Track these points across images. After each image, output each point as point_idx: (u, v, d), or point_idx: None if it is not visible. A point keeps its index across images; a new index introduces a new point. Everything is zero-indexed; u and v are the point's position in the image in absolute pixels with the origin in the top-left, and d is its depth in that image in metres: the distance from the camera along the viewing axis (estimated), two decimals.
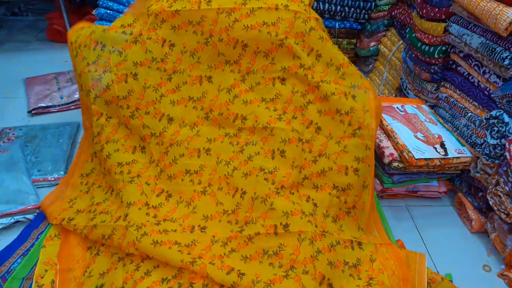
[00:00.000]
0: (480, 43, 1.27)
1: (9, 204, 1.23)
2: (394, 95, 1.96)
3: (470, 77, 1.40)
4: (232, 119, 1.27)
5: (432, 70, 1.57)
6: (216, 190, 1.21)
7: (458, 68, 1.45)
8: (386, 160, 1.31)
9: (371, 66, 2.28)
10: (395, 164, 1.30)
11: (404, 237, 1.24)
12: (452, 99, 1.49)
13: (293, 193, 1.16)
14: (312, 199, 1.17)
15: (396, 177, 1.34)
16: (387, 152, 1.32)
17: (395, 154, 1.31)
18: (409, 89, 1.78)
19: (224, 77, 1.28)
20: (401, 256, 1.11)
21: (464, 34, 1.35)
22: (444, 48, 1.50)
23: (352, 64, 1.27)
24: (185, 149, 1.27)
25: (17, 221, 1.22)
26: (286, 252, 1.05)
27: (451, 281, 1.10)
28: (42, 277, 1.05)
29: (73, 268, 1.08)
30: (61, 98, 1.85)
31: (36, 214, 1.23)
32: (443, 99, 1.55)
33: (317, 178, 1.19)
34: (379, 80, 2.14)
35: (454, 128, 1.46)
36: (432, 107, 1.63)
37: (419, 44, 1.61)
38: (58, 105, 1.82)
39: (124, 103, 1.26)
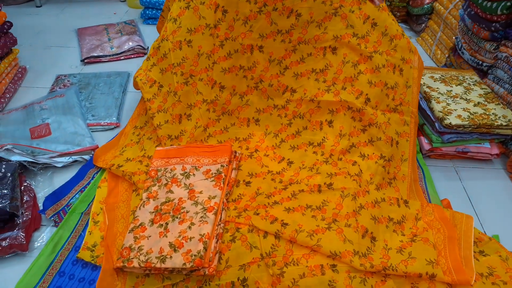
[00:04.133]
0: None
1: (67, 144, 1.30)
2: (447, 55, 1.88)
3: None
4: (282, 91, 1.28)
5: (493, 28, 1.48)
6: (263, 156, 1.27)
7: None
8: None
9: (423, 25, 2.17)
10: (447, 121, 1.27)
11: (451, 197, 1.22)
12: None
13: (340, 159, 1.20)
14: (359, 165, 1.19)
15: (446, 136, 1.30)
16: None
17: None
18: (464, 49, 1.70)
19: (275, 47, 1.27)
20: (447, 216, 1.10)
21: None
22: (509, 4, 1.40)
23: (405, 35, 1.24)
24: (236, 119, 1.32)
25: (75, 161, 1.29)
26: (329, 207, 1.08)
27: (499, 242, 1.08)
28: (97, 215, 1.12)
29: (119, 206, 1.14)
30: (111, 48, 1.90)
31: (91, 155, 1.30)
32: (502, 59, 1.46)
33: (365, 147, 1.21)
34: (431, 40, 2.05)
35: None
36: (489, 68, 1.55)
37: (480, 0, 1.52)
38: (109, 55, 1.87)
39: (178, 70, 1.28)
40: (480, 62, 1.59)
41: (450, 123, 1.26)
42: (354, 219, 1.04)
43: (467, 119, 1.28)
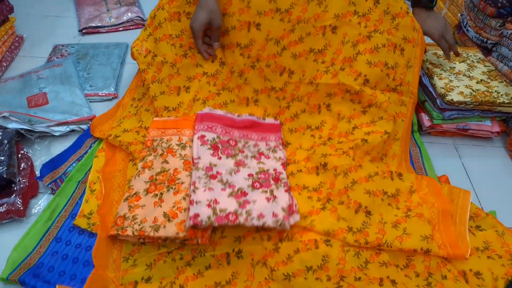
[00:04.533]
0: None
1: (64, 114, 1.29)
2: (452, 32, 1.84)
3: None
4: (279, 72, 1.24)
5: (499, 4, 1.45)
6: None
7: None
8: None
9: None
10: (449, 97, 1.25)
11: (450, 174, 1.21)
12: None
13: (341, 142, 1.17)
14: (363, 138, 1.16)
15: (447, 113, 1.29)
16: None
17: None
18: (469, 26, 1.67)
19: (273, 25, 1.21)
20: (441, 191, 1.10)
21: None
22: None
23: (409, 13, 1.20)
24: (235, 96, 1.30)
25: (72, 130, 1.28)
26: (324, 188, 1.07)
27: (495, 218, 1.08)
28: (94, 183, 1.12)
29: (115, 175, 1.14)
30: (110, 19, 1.87)
31: (89, 125, 1.29)
32: (507, 36, 1.44)
33: (368, 127, 1.18)
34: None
35: None
36: (493, 45, 1.52)
37: None
38: (107, 26, 1.84)
39: (177, 42, 1.25)
40: (485, 40, 1.56)
41: (451, 100, 1.25)
42: (346, 195, 1.04)
43: (469, 96, 1.26)
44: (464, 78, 1.35)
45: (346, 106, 1.22)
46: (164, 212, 0.95)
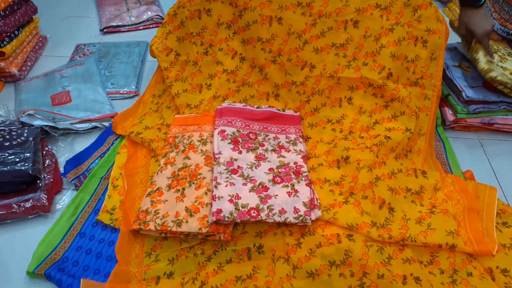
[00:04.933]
0: None
1: (87, 111, 1.32)
2: None
3: None
4: (301, 66, 1.24)
5: None
6: None
7: None
8: None
9: None
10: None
11: (475, 170, 1.18)
12: None
13: (362, 137, 1.16)
14: (385, 135, 1.15)
15: (472, 107, 1.25)
16: None
17: None
18: (494, 18, 1.62)
19: (295, 19, 1.22)
20: (467, 187, 1.07)
21: None
22: None
23: (433, 4, 1.18)
24: (255, 91, 1.29)
25: (95, 127, 1.30)
26: (346, 181, 1.06)
27: None
28: (117, 179, 1.13)
29: (138, 171, 1.15)
30: (130, 18, 1.89)
31: (111, 122, 1.31)
32: None
33: (389, 123, 1.18)
34: (459, 10, 1.96)
35: None
36: None
37: None
38: (128, 25, 1.86)
39: (198, 40, 1.26)
40: (511, 32, 1.51)
41: (495, 77, 1.20)
42: (370, 190, 1.02)
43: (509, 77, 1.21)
44: (499, 65, 1.30)
45: (369, 100, 1.21)
46: (186, 207, 0.95)
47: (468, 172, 1.18)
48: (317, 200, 0.99)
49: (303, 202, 0.95)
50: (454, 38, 1.44)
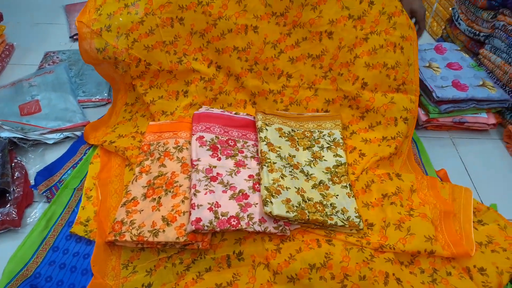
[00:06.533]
0: None
1: (57, 121, 1.28)
2: (443, 27, 1.85)
3: None
4: (277, 75, 1.25)
5: None
6: None
7: None
8: None
9: None
10: None
11: (448, 168, 1.21)
12: (510, 27, 1.38)
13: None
14: (360, 150, 1.18)
15: (443, 106, 1.28)
16: None
17: None
18: (461, 19, 1.67)
19: (270, 29, 1.22)
20: (440, 194, 1.08)
21: None
22: None
23: (404, 11, 1.20)
24: (233, 99, 1.28)
25: (66, 137, 1.26)
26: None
27: (496, 211, 1.08)
28: (90, 190, 1.10)
29: (112, 181, 1.12)
30: None
31: (83, 131, 1.27)
32: (500, 28, 1.44)
33: (366, 133, 1.20)
34: (427, 12, 2.01)
35: (510, 59, 1.37)
36: (486, 37, 1.52)
37: None
38: None
39: (171, 49, 1.22)
40: (477, 32, 1.56)
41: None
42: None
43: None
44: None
45: (344, 112, 1.24)
46: (162, 216, 0.93)
47: (442, 170, 1.20)
48: None
49: None
50: (424, 39, 1.48)
